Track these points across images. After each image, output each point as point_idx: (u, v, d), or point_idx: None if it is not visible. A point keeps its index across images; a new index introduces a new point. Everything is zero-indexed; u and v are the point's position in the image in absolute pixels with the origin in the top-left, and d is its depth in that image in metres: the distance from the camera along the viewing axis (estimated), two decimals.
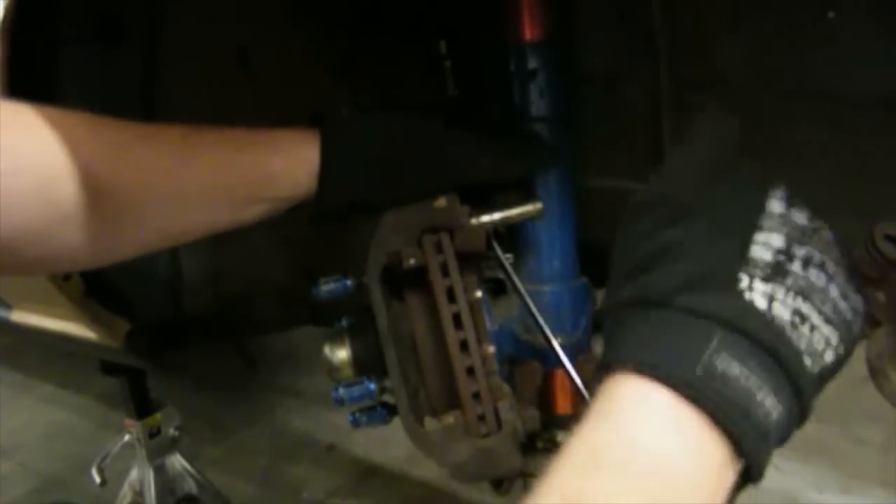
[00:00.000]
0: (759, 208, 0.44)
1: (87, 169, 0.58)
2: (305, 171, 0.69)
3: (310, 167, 0.69)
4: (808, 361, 0.42)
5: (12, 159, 0.54)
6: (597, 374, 0.44)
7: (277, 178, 0.68)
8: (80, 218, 0.59)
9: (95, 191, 0.59)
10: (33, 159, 0.56)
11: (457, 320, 0.68)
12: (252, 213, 0.69)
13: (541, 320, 0.73)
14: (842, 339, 0.44)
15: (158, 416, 1.62)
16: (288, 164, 0.68)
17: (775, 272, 0.42)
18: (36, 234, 0.58)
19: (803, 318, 0.42)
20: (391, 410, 0.75)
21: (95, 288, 1.01)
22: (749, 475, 0.41)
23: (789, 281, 0.42)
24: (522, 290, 0.75)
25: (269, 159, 0.68)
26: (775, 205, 0.45)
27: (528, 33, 0.76)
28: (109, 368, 1.53)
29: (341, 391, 0.74)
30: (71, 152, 0.57)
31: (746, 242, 0.43)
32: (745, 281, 0.42)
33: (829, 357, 0.43)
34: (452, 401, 0.71)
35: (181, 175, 0.64)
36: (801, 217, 0.45)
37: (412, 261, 0.69)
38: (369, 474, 2.12)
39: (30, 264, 0.63)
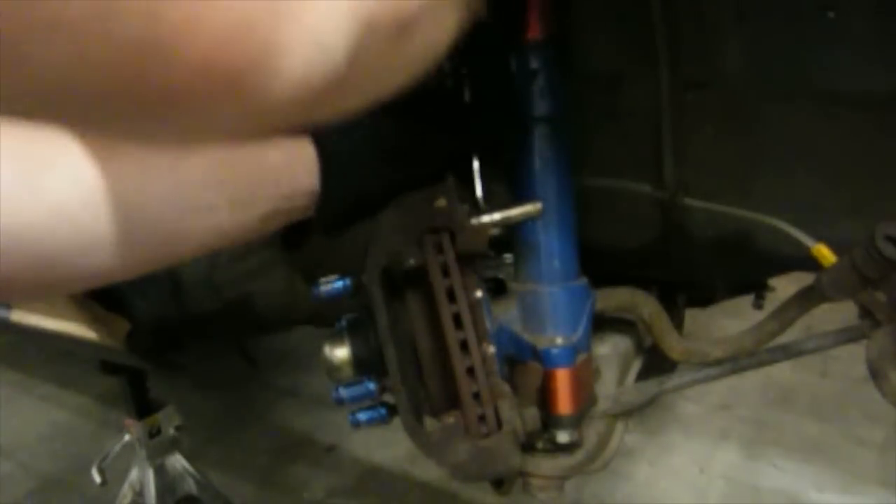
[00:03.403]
0: None
1: (77, 167, 0.54)
2: (303, 167, 0.67)
3: (307, 163, 0.67)
4: None
5: None
6: None
7: (276, 173, 0.67)
8: (74, 222, 0.53)
9: (88, 191, 0.55)
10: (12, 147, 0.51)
11: (457, 320, 0.68)
12: (253, 213, 0.67)
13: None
14: None
15: (158, 416, 1.61)
16: (285, 157, 0.67)
17: None
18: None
19: None
20: (391, 410, 0.76)
21: (95, 288, 1.01)
22: None
23: None
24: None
25: (266, 152, 0.66)
26: None
27: (529, 33, 0.76)
28: (109, 368, 1.53)
29: (341, 391, 0.74)
30: (58, 146, 0.53)
31: None
32: None
33: None
34: (452, 401, 0.71)
35: (176, 172, 0.62)
36: None
37: (412, 261, 0.69)
38: (369, 474, 2.12)
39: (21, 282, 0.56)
